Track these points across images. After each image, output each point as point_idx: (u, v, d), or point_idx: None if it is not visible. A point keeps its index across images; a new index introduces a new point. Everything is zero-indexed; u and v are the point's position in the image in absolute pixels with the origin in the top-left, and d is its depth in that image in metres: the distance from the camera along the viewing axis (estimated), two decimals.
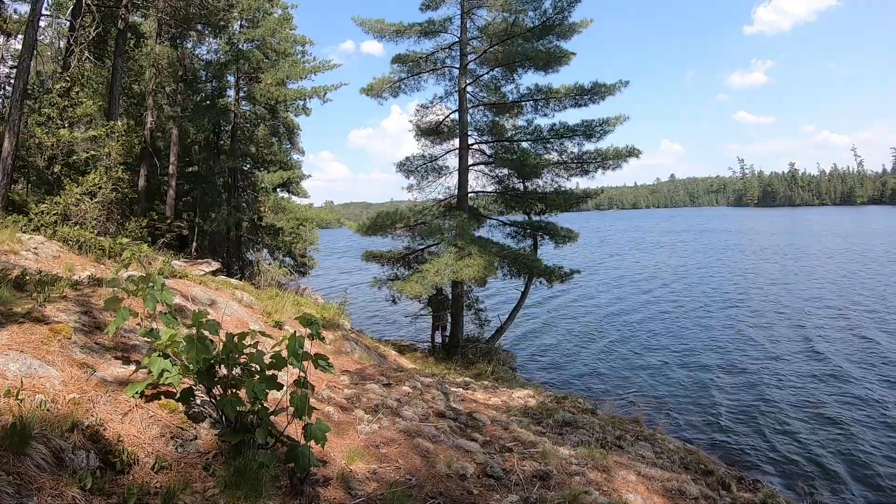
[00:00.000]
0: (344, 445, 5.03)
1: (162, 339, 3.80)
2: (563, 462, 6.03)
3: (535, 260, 20.06)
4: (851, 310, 26.53)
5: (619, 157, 19.27)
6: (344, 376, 8.09)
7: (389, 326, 25.85)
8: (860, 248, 54.47)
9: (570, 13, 19.13)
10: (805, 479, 11.54)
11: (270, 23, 26.30)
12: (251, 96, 26.37)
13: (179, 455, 3.60)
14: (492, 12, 20.20)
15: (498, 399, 10.04)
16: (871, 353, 19.57)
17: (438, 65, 21.35)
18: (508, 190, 21.86)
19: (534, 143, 20.47)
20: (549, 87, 20.11)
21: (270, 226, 29.76)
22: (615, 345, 22.40)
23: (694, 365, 19.36)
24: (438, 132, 21.67)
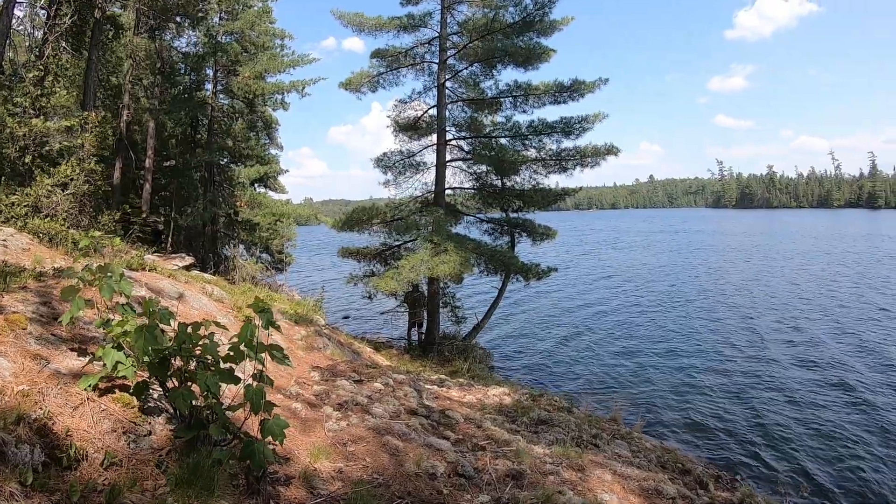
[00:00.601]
0: (310, 443, 4.87)
1: (113, 329, 3.60)
2: (538, 461, 5.91)
3: (512, 257, 19.96)
4: (829, 309, 26.82)
5: (598, 154, 19.22)
6: (314, 373, 7.92)
7: (367, 323, 25.66)
8: (832, 249, 55.19)
9: (550, 10, 19.06)
10: (782, 477, 11.55)
11: (250, 15, 25.97)
12: (229, 90, 26.05)
13: (131, 451, 3.43)
14: (472, 7, 20.08)
15: (473, 397, 9.92)
16: (848, 353, 19.78)
17: (418, 60, 21.16)
18: (486, 186, 21.75)
19: (512, 140, 20.39)
20: (528, 84, 20.05)
21: (246, 221, 29.42)
22: (593, 343, 22.39)
23: (671, 364, 19.41)
24: (416, 128, 21.50)
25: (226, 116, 27.61)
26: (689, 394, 16.56)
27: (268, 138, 34.50)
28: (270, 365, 6.96)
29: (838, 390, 16.34)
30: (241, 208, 28.47)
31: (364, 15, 20.59)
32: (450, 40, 20.39)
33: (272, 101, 29.39)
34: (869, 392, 16.10)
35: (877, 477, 11.49)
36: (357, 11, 20.74)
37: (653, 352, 20.89)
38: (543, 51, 19.57)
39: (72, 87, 18.26)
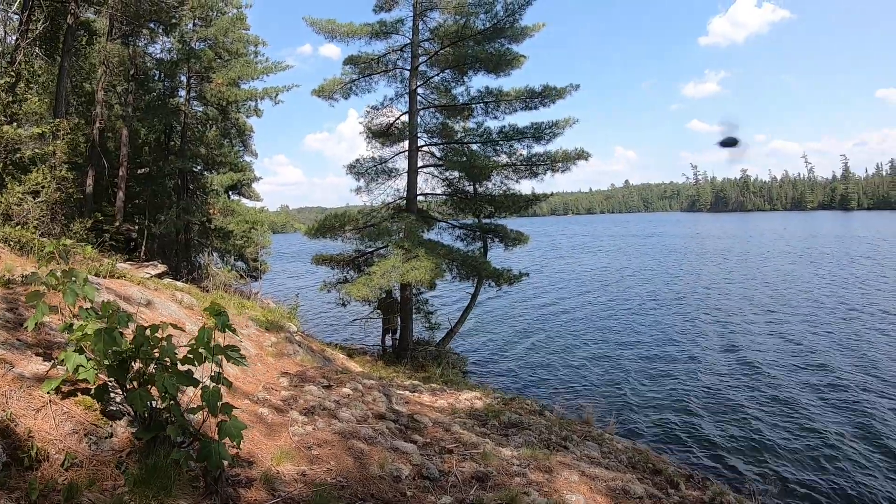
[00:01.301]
0: (274, 447, 4.86)
1: (75, 332, 3.60)
2: (504, 463, 5.94)
3: (484, 262, 20.01)
4: (800, 309, 27.22)
5: (569, 159, 19.38)
6: (283, 378, 7.89)
7: (341, 330, 25.57)
8: (803, 251, 56.15)
9: (520, 16, 19.15)
10: (753, 475, 11.72)
11: (223, 22, 25.85)
12: (202, 96, 25.88)
13: (92, 452, 3.45)
14: (444, 14, 20.13)
15: (444, 401, 9.93)
16: (820, 353, 20.10)
17: (390, 66, 21.15)
18: (458, 192, 21.79)
19: (483, 146, 20.46)
20: (499, 90, 20.12)
21: (220, 229, 29.17)
22: (566, 347, 22.50)
23: (645, 366, 19.59)
24: (389, 134, 21.49)
25: (199, 123, 27.41)
26: (662, 395, 16.72)
27: (242, 145, 34.31)
28: (238, 371, 7.01)
29: (810, 390, 16.59)
30: (215, 216, 28.23)
31: (336, 22, 20.55)
32: (421, 47, 20.43)
33: (245, 107, 29.24)
34: (841, 391, 16.39)
35: (846, 476, 11.67)
36: (330, 18, 20.71)
37: (626, 355, 21.05)
38: (514, 57, 19.65)
39: (44, 93, 18.05)
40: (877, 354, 19.67)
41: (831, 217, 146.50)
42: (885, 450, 12.66)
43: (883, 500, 10.76)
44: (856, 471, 11.84)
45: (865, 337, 22.11)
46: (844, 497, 10.90)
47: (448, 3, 19.66)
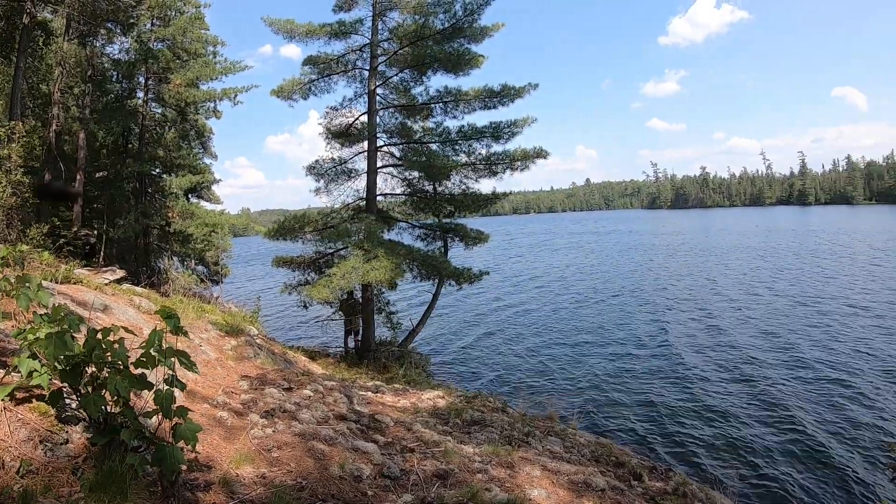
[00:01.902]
0: (233, 450, 4.82)
1: (27, 337, 3.52)
2: (466, 460, 5.95)
3: (445, 262, 20.06)
4: (752, 301, 27.85)
5: (527, 158, 19.51)
6: (243, 381, 7.81)
7: (303, 332, 25.40)
8: (759, 245, 57.55)
9: (479, 16, 19.21)
10: (716, 464, 12.00)
11: (182, 21, 25.41)
12: (160, 97, 25.43)
13: (48, 459, 3.39)
14: (403, 14, 20.05)
15: (407, 401, 9.92)
16: (783, 345, 20.77)
17: (349, 67, 21.02)
18: (418, 192, 21.80)
19: (442, 145, 20.48)
20: (458, 90, 20.18)
21: (179, 232, 28.73)
22: (529, 344, 22.72)
23: (608, 361, 19.91)
24: (348, 134, 21.38)
25: (157, 125, 26.93)
26: (625, 389, 17.01)
27: (201, 147, 33.77)
28: (198, 376, 6.89)
29: (769, 380, 17.10)
30: (174, 220, 27.78)
31: (295, 22, 20.34)
32: (381, 47, 20.36)
33: (204, 109, 28.83)
34: (800, 381, 16.94)
35: (803, 464, 12.03)
36: (289, 18, 20.53)
37: (588, 350, 21.36)
38: (473, 57, 19.69)
39: (0, 94, 17.63)
40: (834, 344, 20.39)
41: (789, 212, 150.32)
42: (837, 435, 13.07)
43: (836, 484, 11.11)
44: (812, 459, 12.22)
45: (821, 327, 22.85)
46: (802, 485, 11.20)
47: (407, 2, 19.60)
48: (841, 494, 10.91)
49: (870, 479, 11.40)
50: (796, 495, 10.86)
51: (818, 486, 11.18)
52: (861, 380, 16.71)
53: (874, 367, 17.72)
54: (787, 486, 11.17)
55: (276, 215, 39.31)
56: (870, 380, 16.67)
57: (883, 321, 23.39)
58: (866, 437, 13.10)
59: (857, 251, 49.93)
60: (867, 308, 26.03)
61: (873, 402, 15.01)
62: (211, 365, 8.02)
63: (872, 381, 16.55)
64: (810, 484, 11.28)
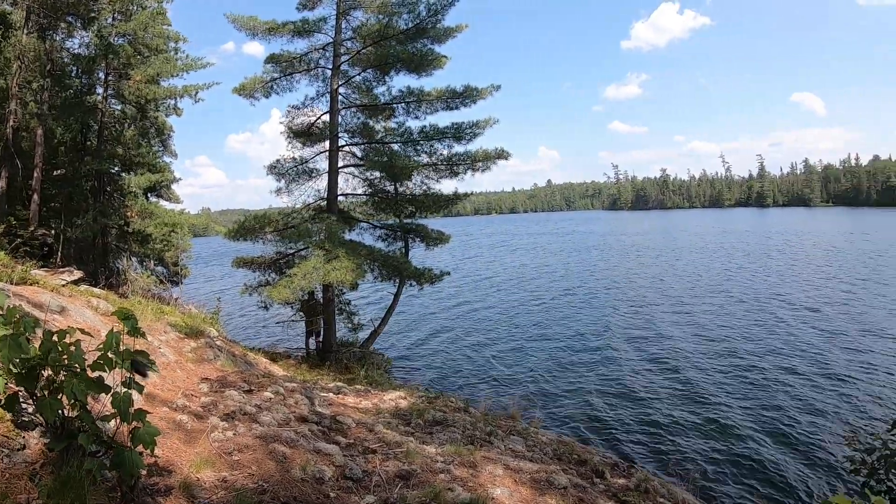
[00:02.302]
0: (194, 454, 4.76)
1: None
2: (428, 460, 5.97)
3: (405, 262, 20.05)
4: (711, 300, 28.41)
5: (489, 158, 19.62)
6: (203, 384, 7.72)
7: (264, 334, 25.17)
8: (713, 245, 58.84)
9: (443, 16, 19.17)
10: (676, 460, 12.24)
11: (144, 16, 24.80)
12: (120, 94, 24.87)
13: (5, 465, 3.33)
14: (367, 13, 19.96)
15: (369, 402, 9.91)
16: (732, 341, 21.25)
17: (312, 65, 20.82)
18: (379, 192, 21.73)
19: (404, 146, 20.45)
20: (421, 90, 20.15)
21: (138, 232, 28.15)
22: (491, 343, 22.89)
23: (569, 359, 20.17)
24: (310, 134, 21.19)
25: (117, 122, 26.32)
26: (586, 387, 17.27)
27: (161, 145, 33.17)
28: (157, 378, 6.82)
29: (722, 376, 17.61)
30: (133, 219, 27.23)
31: (258, 19, 20.08)
32: (344, 46, 20.24)
33: (165, 106, 28.33)
34: (748, 375, 17.48)
35: (760, 458, 12.34)
36: (252, 15, 20.30)
37: (551, 349, 21.60)
38: (436, 57, 19.69)
39: None
40: (778, 342, 21.05)
41: (747, 213, 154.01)
42: (793, 428, 13.45)
43: (793, 477, 11.41)
44: (768, 452, 12.51)
45: (767, 325, 23.55)
46: (759, 477, 11.48)
47: (372, 2, 19.52)
48: (797, 486, 11.20)
49: (827, 470, 11.75)
50: (753, 489, 11.12)
51: (775, 480, 11.48)
52: (810, 375, 17.26)
53: (822, 363, 18.33)
54: (744, 481, 11.43)
55: (237, 215, 38.89)
56: (819, 375, 17.22)
57: (829, 320, 24.20)
58: (822, 430, 13.52)
59: (809, 253, 51.30)
60: (813, 306, 26.92)
61: (826, 397, 15.51)
62: (170, 367, 7.92)
63: (821, 376, 17.08)
64: (767, 477, 11.57)
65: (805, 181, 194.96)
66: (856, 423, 13.66)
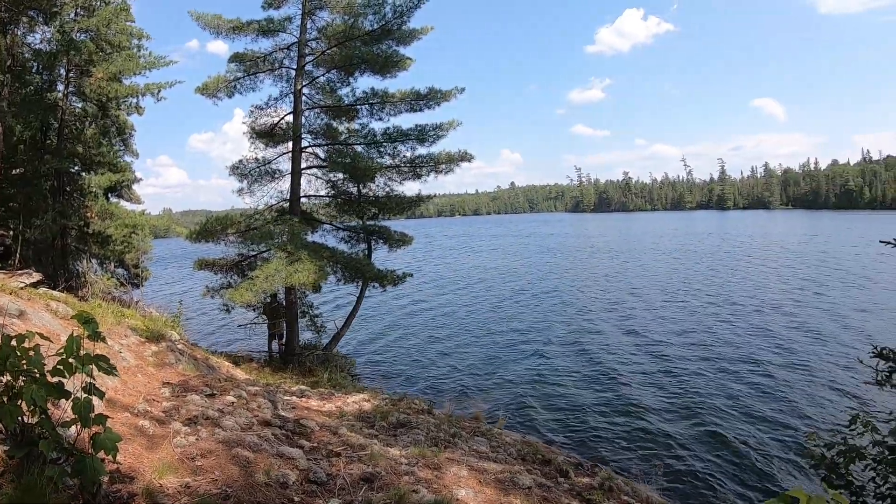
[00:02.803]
0: (156, 460, 4.71)
1: None
2: (393, 463, 5.99)
3: (368, 264, 20.04)
4: (666, 299, 28.86)
5: (452, 160, 19.71)
6: (165, 389, 7.63)
7: (227, 337, 24.91)
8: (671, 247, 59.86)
9: (409, 18, 19.16)
10: (641, 458, 12.46)
11: (107, 12, 24.18)
12: (81, 91, 24.31)
13: None
14: (333, 14, 19.88)
15: (333, 405, 9.89)
16: (690, 343, 21.57)
17: (276, 65, 20.65)
18: (342, 194, 21.64)
19: (367, 147, 20.41)
20: (385, 92, 20.10)
21: (99, 234, 27.56)
22: (454, 345, 22.97)
23: (531, 360, 20.34)
24: (273, 134, 21.01)
25: (77, 120, 25.73)
26: (550, 388, 17.43)
27: (122, 144, 32.47)
28: (118, 383, 6.73)
29: (683, 373, 17.98)
30: (93, 220, 26.66)
31: (222, 17, 19.86)
32: (308, 46, 20.13)
33: (127, 104, 27.77)
34: (704, 375, 17.78)
35: (720, 454, 12.58)
36: (216, 13, 20.08)
37: (513, 350, 21.78)
38: (401, 59, 19.72)
39: None
40: (735, 341, 21.59)
41: (707, 215, 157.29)
42: (754, 425, 13.71)
43: (753, 473, 11.70)
44: (729, 450, 12.81)
45: (726, 325, 24.14)
46: (720, 475, 11.73)
47: (337, 2, 19.47)
48: (758, 481, 11.47)
49: (788, 465, 12.06)
50: (715, 484, 11.35)
51: (736, 476, 11.74)
52: (771, 373, 17.71)
53: (784, 362, 18.77)
54: (706, 477, 11.66)
55: (199, 216, 38.19)
56: (781, 373, 17.65)
57: (791, 318, 24.80)
58: (782, 428, 13.85)
59: (767, 253, 52.40)
60: (770, 306, 27.67)
61: (787, 395, 15.93)
62: (131, 372, 7.81)
63: (783, 374, 17.49)
64: (728, 473, 11.83)
65: (765, 185, 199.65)
66: (815, 419, 14.09)
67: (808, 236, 70.75)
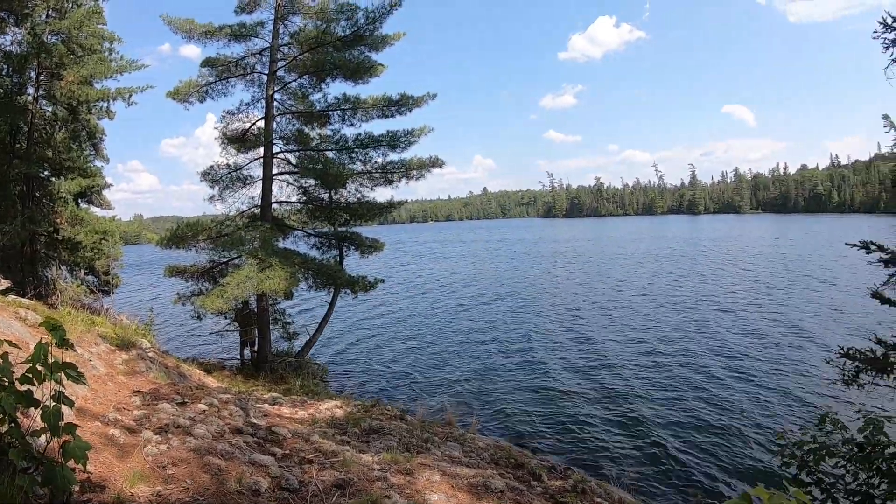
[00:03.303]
0: (127, 468, 4.68)
1: None
2: (365, 469, 5.99)
3: (340, 270, 19.98)
4: (637, 302, 29.18)
5: (423, 166, 19.71)
6: (135, 397, 7.57)
7: (198, 345, 24.66)
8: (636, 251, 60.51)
9: (381, 24, 19.19)
10: (613, 459, 12.62)
11: (79, 15, 23.78)
12: (52, 95, 23.91)
13: None
14: (306, 19, 19.84)
15: (305, 412, 9.86)
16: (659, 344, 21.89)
17: (248, 70, 20.54)
18: (314, 200, 21.57)
19: (339, 153, 20.38)
20: (357, 98, 20.07)
21: (68, 240, 27.11)
22: (426, 350, 23.04)
23: (503, 364, 20.49)
24: (244, 140, 20.88)
25: (47, 124, 25.31)
26: (522, 391, 17.64)
27: (92, 149, 32.02)
28: (88, 392, 6.67)
29: (656, 376, 18.29)
30: (63, 226, 26.22)
31: (194, 21, 19.71)
32: (281, 51, 20.05)
33: (97, 108, 27.40)
34: (675, 378, 18.11)
35: (692, 454, 12.80)
36: (188, 17, 19.92)
37: (485, 354, 21.96)
38: (373, 65, 19.74)
39: None
40: (703, 343, 22.04)
41: (678, 220, 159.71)
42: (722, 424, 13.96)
43: (721, 469, 11.89)
44: (701, 449, 13.03)
45: (692, 327, 24.75)
46: (694, 474, 11.92)
47: (310, 7, 19.49)
48: (730, 480, 11.69)
49: (755, 466, 12.28)
50: (686, 484, 11.51)
51: (707, 475, 11.97)
52: (738, 375, 18.03)
53: (748, 364, 19.13)
54: (678, 478, 11.84)
55: (170, 222, 37.69)
56: (746, 375, 17.99)
57: (751, 322, 25.33)
58: (753, 427, 14.15)
59: (733, 257, 53.19)
60: (735, 308, 28.29)
61: (756, 396, 16.25)
62: (101, 380, 7.73)
63: (749, 375, 17.81)
64: (700, 473, 12.04)
65: (735, 189, 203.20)
66: (786, 419, 14.39)
67: (775, 240, 72.20)
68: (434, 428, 10.54)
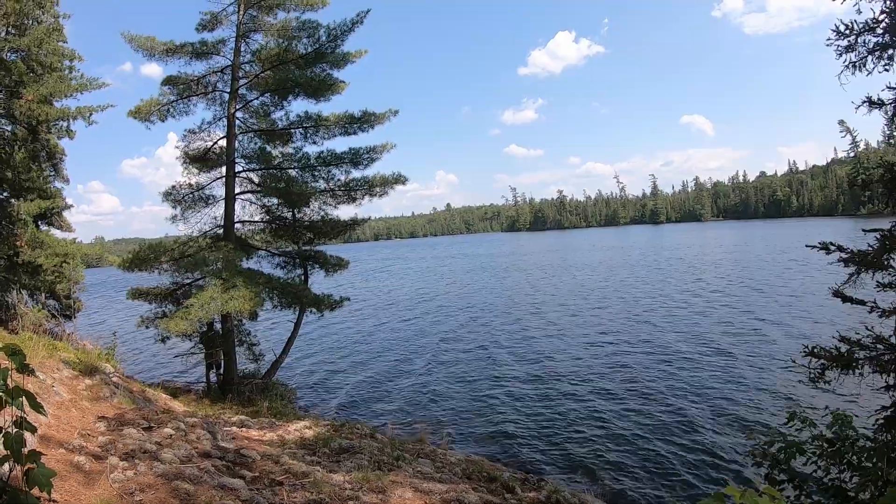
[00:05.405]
0: (94, 496, 4.60)
1: None
2: (337, 489, 5.96)
3: (305, 290, 19.79)
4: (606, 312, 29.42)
5: (386, 183, 19.71)
6: (100, 423, 7.41)
7: (165, 369, 24.27)
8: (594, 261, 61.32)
9: (343, 42, 19.19)
10: (586, 467, 12.69)
11: (39, 32, 23.40)
12: (10, 114, 23.40)
13: None
14: (267, 37, 19.75)
15: (274, 434, 9.76)
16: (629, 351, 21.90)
17: (209, 88, 20.34)
18: (277, 219, 21.39)
19: (301, 171, 20.29)
20: (319, 115, 20.07)
21: (28, 263, 26.50)
22: (395, 368, 22.94)
23: (470, 379, 20.47)
24: (206, 159, 20.66)
25: (6, 144, 24.76)
26: (491, 405, 17.66)
27: (52, 170, 31.40)
28: (52, 419, 6.49)
29: (619, 389, 18.19)
30: (23, 249, 25.61)
31: (155, 39, 19.46)
32: (242, 69, 19.91)
33: (57, 128, 26.91)
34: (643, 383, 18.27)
35: (664, 458, 12.92)
36: (149, 35, 19.70)
37: (451, 369, 21.93)
38: (334, 82, 19.72)
39: None
40: (667, 349, 22.35)
41: (641, 230, 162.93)
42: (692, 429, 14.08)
43: (694, 472, 11.98)
44: (673, 452, 13.15)
45: (657, 332, 25.07)
46: (667, 477, 12.04)
47: (272, 25, 19.45)
48: (703, 482, 11.83)
49: (732, 464, 12.45)
50: (659, 489, 11.59)
51: (679, 478, 12.08)
52: (703, 378, 18.30)
53: (715, 366, 19.43)
54: (652, 481, 11.94)
55: (132, 244, 36.98)
56: (713, 378, 18.26)
57: (712, 326, 25.59)
58: (723, 427, 14.40)
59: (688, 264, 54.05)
60: (699, 311, 28.51)
61: (724, 396, 16.58)
62: (65, 406, 7.56)
63: (715, 378, 18.05)
64: (672, 476, 12.18)
65: (696, 198, 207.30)
66: (755, 419, 14.65)
67: (735, 246, 73.77)
68: (405, 445, 10.50)
